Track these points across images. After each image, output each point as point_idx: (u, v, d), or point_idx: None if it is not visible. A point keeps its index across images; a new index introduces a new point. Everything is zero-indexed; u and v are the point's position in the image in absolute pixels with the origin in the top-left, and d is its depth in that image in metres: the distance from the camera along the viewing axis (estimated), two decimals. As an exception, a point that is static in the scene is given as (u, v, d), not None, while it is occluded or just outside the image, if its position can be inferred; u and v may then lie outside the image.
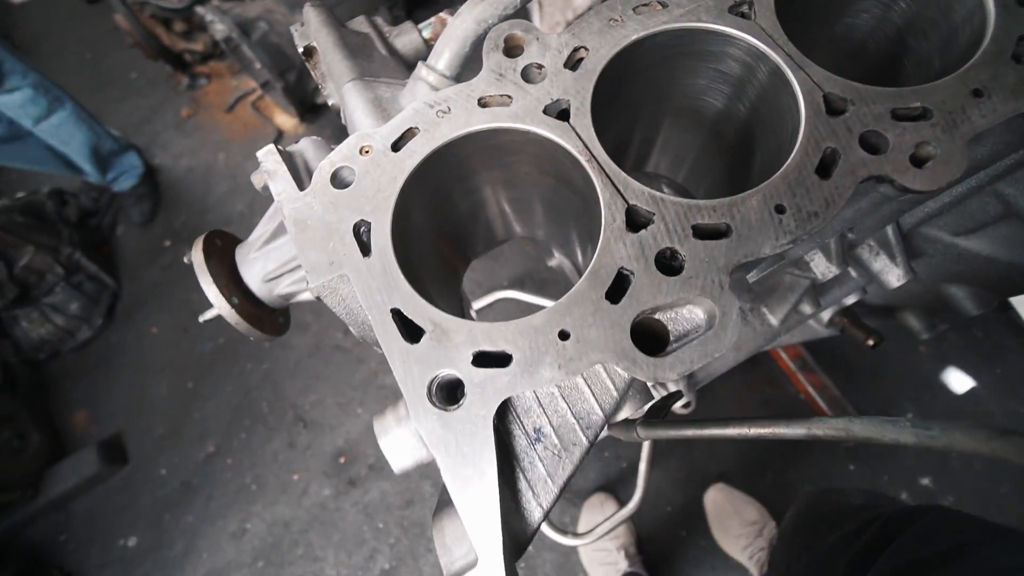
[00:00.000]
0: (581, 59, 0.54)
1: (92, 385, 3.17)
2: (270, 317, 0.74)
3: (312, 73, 0.66)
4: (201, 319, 0.71)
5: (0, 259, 2.81)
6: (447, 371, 0.46)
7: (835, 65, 0.63)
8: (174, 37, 3.85)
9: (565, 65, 0.53)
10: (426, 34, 0.72)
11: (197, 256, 0.66)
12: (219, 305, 0.66)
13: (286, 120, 3.76)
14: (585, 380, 0.50)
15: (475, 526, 0.42)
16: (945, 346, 2.85)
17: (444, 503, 0.48)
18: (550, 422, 0.49)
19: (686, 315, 0.46)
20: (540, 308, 0.47)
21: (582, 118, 0.51)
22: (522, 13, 0.57)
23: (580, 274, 0.47)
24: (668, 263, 0.46)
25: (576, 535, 2.04)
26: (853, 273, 0.93)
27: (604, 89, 0.54)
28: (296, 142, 0.62)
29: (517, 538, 0.46)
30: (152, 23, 3.75)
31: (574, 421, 0.49)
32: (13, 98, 2.71)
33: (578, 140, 0.50)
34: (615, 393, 0.49)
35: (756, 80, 0.56)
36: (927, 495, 2.50)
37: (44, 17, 4.89)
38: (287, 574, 2.62)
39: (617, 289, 0.45)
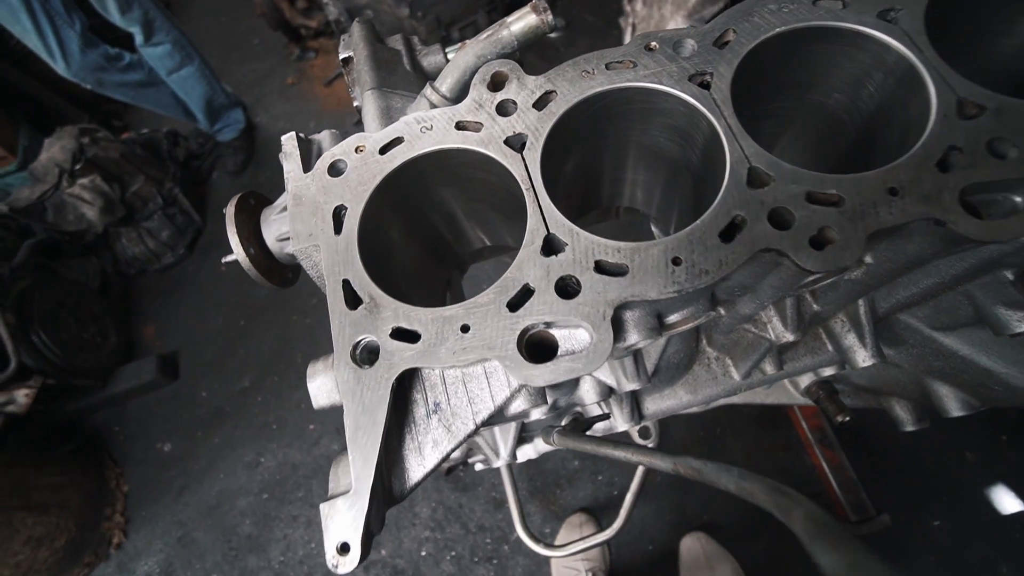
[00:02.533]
0: (549, 100, 0.62)
1: (165, 304, 3.61)
2: (280, 270, 0.88)
3: (346, 79, 0.79)
4: (223, 261, 0.86)
5: (117, 182, 3.27)
6: (370, 337, 0.56)
7: (813, 138, 0.67)
8: (295, 12, 4.27)
9: (534, 104, 0.62)
10: (450, 56, 0.83)
11: (230, 209, 0.81)
12: (237, 252, 0.80)
13: (375, 102, 4.05)
14: (486, 373, 0.58)
15: (358, 462, 0.52)
16: (1000, 460, 2.59)
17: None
18: (448, 400, 0.58)
19: (579, 337, 0.54)
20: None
21: (533, 152, 0.59)
22: (515, 56, 0.67)
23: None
24: (566, 288, 0.53)
25: (550, 546, 2.09)
26: (828, 345, 0.94)
27: (563, 130, 0.62)
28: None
29: (395, 487, 0.55)
30: (280, -2, 4.18)
31: (468, 404, 0.57)
32: (156, 51, 3.17)
33: (524, 170, 0.59)
34: (507, 390, 0.57)
35: (702, 138, 0.62)
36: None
37: (198, -20, 5.57)
38: (285, 511, 2.86)
39: (519, 300, 0.54)
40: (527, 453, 1.06)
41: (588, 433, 0.76)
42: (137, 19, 2.91)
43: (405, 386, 0.59)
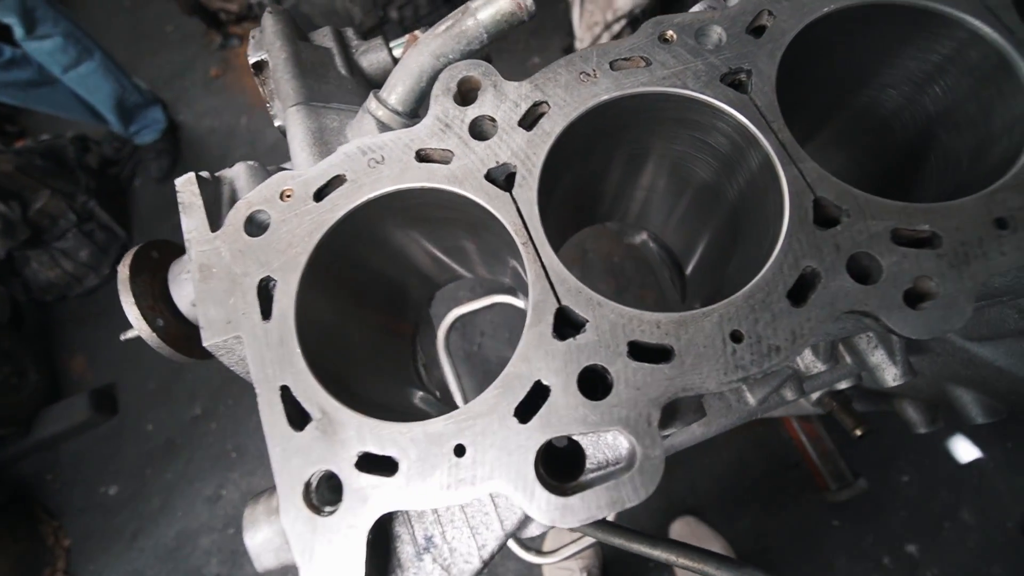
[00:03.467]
0: (541, 115, 0.47)
1: (93, 332, 3.23)
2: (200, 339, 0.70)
3: (260, 90, 0.61)
4: (122, 338, 0.66)
5: (15, 199, 2.84)
6: (327, 467, 0.40)
7: (849, 138, 0.55)
8: (211, -6, 3.82)
9: (520, 122, 0.46)
10: (397, 52, 0.65)
11: (123, 270, 0.62)
12: (139, 326, 0.62)
13: (311, 91, 3.72)
14: (491, 495, 0.44)
15: (325, 659, 0.37)
16: (954, 411, 2.71)
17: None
18: (443, 533, 0.43)
19: (610, 441, 0.40)
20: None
21: (527, 190, 0.44)
22: (480, 54, 0.50)
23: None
24: (594, 383, 0.39)
25: (541, 553, 2.01)
26: (849, 360, 0.85)
27: (562, 153, 0.47)
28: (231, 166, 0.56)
29: (382, 667, 0.41)
30: (191, -23, 3.72)
31: (470, 536, 0.43)
32: (43, 45, 2.72)
33: (517, 216, 0.43)
34: (519, 513, 0.43)
35: (746, 164, 0.48)
36: (910, 564, 2.40)
37: (90, -40, 4.91)
38: (255, 545, 2.66)
39: (530, 405, 0.39)
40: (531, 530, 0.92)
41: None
42: (11, 7, 2.46)
43: (382, 519, 0.44)
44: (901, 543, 2.43)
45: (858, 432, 0.91)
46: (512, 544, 1.99)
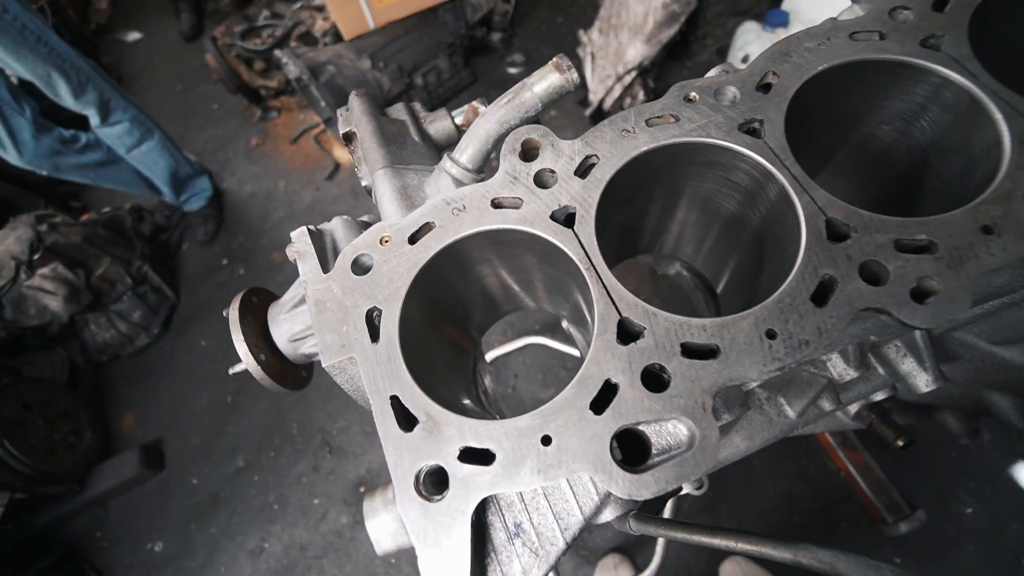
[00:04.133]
0: (592, 165, 0.57)
1: (143, 389, 3.39)
2: (294, 372, 0.80)
3: (351, 156, 0.73)
4: (231, 371, 0.77)
5: (81, 267, 3.10)
6: (435, 462, 0.48)
7: (854, 168, 0.64)
8: (253, 75, 4.24)
9: (576, 172, 0.57)
10: (458, 120, 0.78)
11: (233, 314, 0.73)
12: (247, 362, 0.72)
13: (343, 154, 4.01)
14: (568, 482, 0.51)
15: (444, 622, 0.44)
16: (1015, 437, 2.60)
17: (422, 590, 0.49)
18: (530, 519, 0.50)
19: (670, 429, 0.47)
20: (567, 356, 0.48)
21: (586, 226, 0.54)
22: (536, 120, 0.62)
23: (588, 346, 0.49)
24: (654, 378, 0.47)
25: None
26: (881, 371, 0.89)
27: (612, 195, 0.57)
28: (329, 220, 0.68)
29: (487, 637, 0.47)
30: (236, 62, 4.15)
31: (554, 521, 0.50)
32: (114, 130, 3.06)
33: (579, 247, 0.53)
34: (596, 498, 0.49)
35: (765, 195, 0.57)
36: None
37: (149, 53, 5.51)
38: (297, 599, 2.64)
39: (602, 400, 0.47)
40: (605, 515, 0.96)
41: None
42: (92, 101, 2.80)
43: (478, 508, 0.51)
44: (970, 585, 2.30)
45: (900, 443, 0.94)
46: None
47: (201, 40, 4.83)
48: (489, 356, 2.32)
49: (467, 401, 0.75)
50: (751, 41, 2.98)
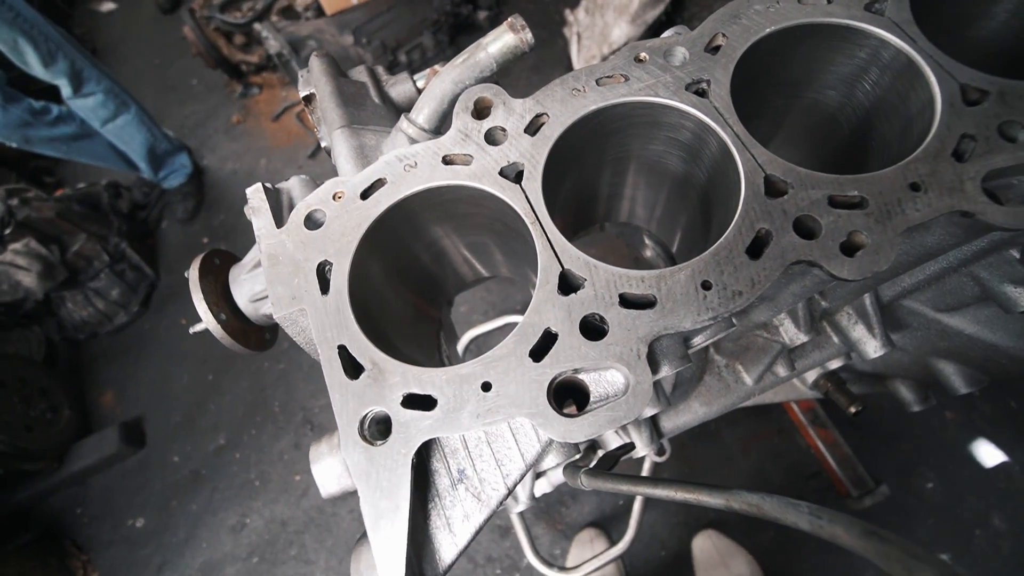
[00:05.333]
0: (542, 124, 0.58)
1: (122, 368, 3.36)
2: (256, 333, 0.80)
3: (310, 117, 0.73)
4: (191, 331, 0.77)
5: (55, 243, 3.04)
6: (379, 408, 0.49)
7: (807, 134, 0.65)
8: (233, 49, 4.13)
9: (526, 130, 0.57)
10: (420, 84, 0.77)
11: (193, 273, 0.73)
12: (207, 320, 0.72)
13: (327, 133, 3.95)
14: (511, 429, 0.52)
15: (383, 557, 0.45)
16: (975, 415, 2.70)
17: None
18: (474, 466, 0.52)
19: (609, 379, 0.49)
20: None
21: (533, 182, 0.55)
22: (490, 80, 0.62)
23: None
24: (593, 328, 0.49)
25: (563, 569, 2.03)
26: (835, 339, 0.92)
27: (561, 153, 0.57)
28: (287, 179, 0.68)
29: (428, 574, 0.49)
30: (215, 35, 4.04)
31: (496, 467, 0.51)
32: (87, 102, 2.97)
33: (526, 202, 0.54)
34: (538, 445, 0.51)
35: (709, 153, 0.59)
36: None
37: (124, 24, 5.34)
38: (279, 574, 2.68)
39: (542, 348, 0.48)
40: (542, 488, 1.00)
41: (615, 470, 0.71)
42: (63, 71, 2.71)
43: (423, 457, 0.53)
44: (933, 552, 2.40)
45: (852, 409, 0.98)
46: (535, 561, 2.02)
47: (179, 12, 4.67)
48: (470, 334, 2.33)
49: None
50: (736, 23, 2.97)
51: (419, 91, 0.77)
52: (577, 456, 0.87)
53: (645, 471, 1.98)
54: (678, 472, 2.69)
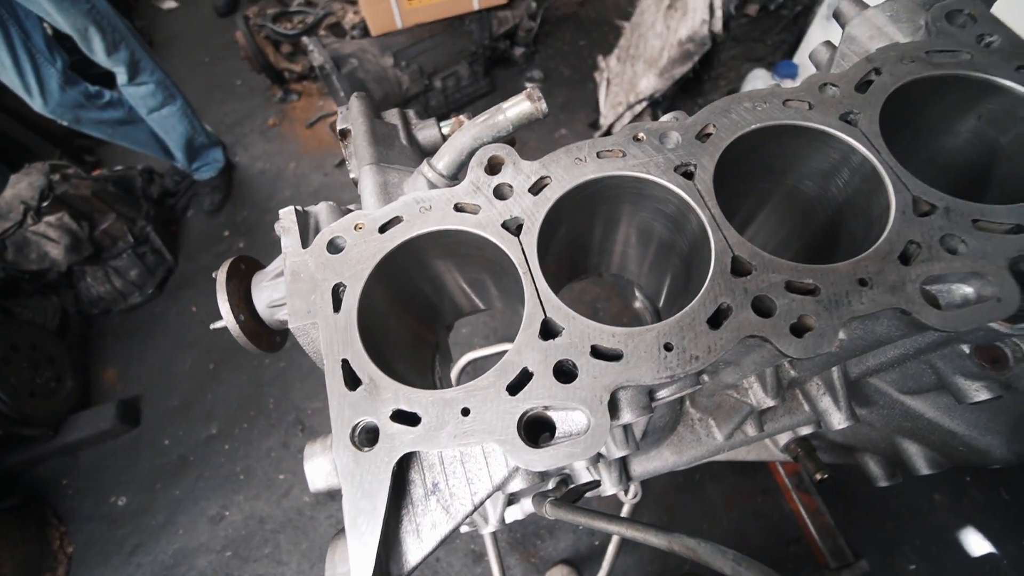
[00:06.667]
0: (545, 186, 0.66)
1: (128, 347, 3.45)
2: (269, 336, 0.87)
3: (343, 151, 0.82)
4: (212, 327, 0.84)
5: (86, 220, 3.18)
6: (370, 419, 0.56)
7: (787, 216, 0.72)
8: (279, 57, 4.36)
9: (530, 189, 0.65)
10: (445, 131, 0.87)
11: (221, 275, 0.81)
12: (227, 319, 0.80)
13: (357, 145, 4.12)
14: (484, 452, 0.59)
15: (357, 550, 0.51)
16: (965, 501, 2.68)
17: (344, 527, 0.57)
18: (447, 480, 0.58)
19: (574, 418, 0.55)
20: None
21: (530, 236, 0.62)
22: (507, 139, 0.70)
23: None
24: (565, 372, 0.55)
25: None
26: (805, 406, 0.98)
27: (558, 213, 0.65)
28: (315, 204, 0.76)
29: (393, 572, 0.54)
30: (264, 43, 4.27)
31: (467, 484, 0.58)
32: (139, 90, 3.17)
33: (521, 254, 0.61)
34: (506, 470, 0.57)
35: (690, 227, 0.66)
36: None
37: (182, 23, 5.65)
38: (249, 571, 2.69)
39: (518, 384, 0.55)
40: (514, 514, 1.04)
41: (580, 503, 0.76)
42: (123, 60, 2.91)
43: (403, 467, 0.59)
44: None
45: (818, 476, 1.02)
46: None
47: (234, 17, 4.95)
48: (468, 356, 2.39)
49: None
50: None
51: (444, 137, 0.86)
52: (549, 487, 0.92)
53: (624, 511, 1.99)
54: (656, 521, 2.68)
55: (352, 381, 0.58)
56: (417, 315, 0.78)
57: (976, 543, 2.58)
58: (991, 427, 0.85)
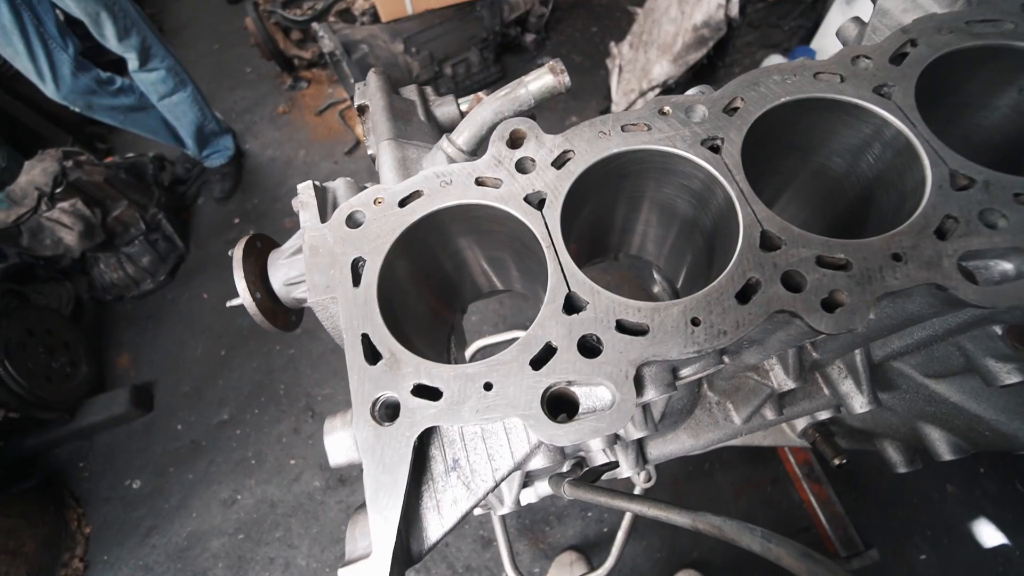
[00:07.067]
0: (568, 160, 0.64)
1: (141, 333, 3.49)
2: (284, 314, 0.87)
3: (362, 127, 0.81)
4: (228, 304, 0.84)
5: (99, 206, 3.20)
6: (391, 394, 0.55)
7: (813, 195, 0.71)
8: (289, 43, 4.34)
9: (553, 163, 0.64)
10: (464, 107, 0.85)
11: (238, 252, 0.80)
12: (244, 296, 0.79)
13: (366, 132, 4.10)
14: (505, 428, 0.58)
15: (378, 525, 0.51)
16: (979, 492, 2.65)
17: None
18: (468, 457, 0.57)
19: (598, 394, 0.54)
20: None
21: (553, 210, 0.61)
22: (528, 114, 0.69)
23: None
24: (589, 347, 0.54)
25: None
26: (825, 390, 0.96)
27: (581, 188, 0.64)
28: (333, 178, 0.75)
29: (414, 548, 0.54)
30: (274, 29, 4.25)
31: (488, 460, 0.57)
32: (150, 76, 3.17)
33: (544, 228, 0.60)
34: (527, 445, 0.56)
35: (716, 203, 0.64)
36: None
37: (192, 9, 5.64)
38: (261, 553, 2.73)
39: (542, 359, 0.54)
40: (528, 497, 1.04)
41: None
42: (134, 45, 2.91)
43: (423, 442, 0.59)
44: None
45: (837, 461, 1.01)
46: (513, 574, 2.04)
47: (244, 3, 4.93)
48: (478, 343, 2.39)
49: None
50: (775, 74, 3.04)
51: (462, 114, 0.84)
52: (565, 470, 0.92)
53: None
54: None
55: (372, 355, 0.58)
56: (436, 292, 0.78)
57: (989, 534, 2.56)
58: (1019, 411, 0.83)
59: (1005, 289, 0.51)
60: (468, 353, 2.17)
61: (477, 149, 0.74)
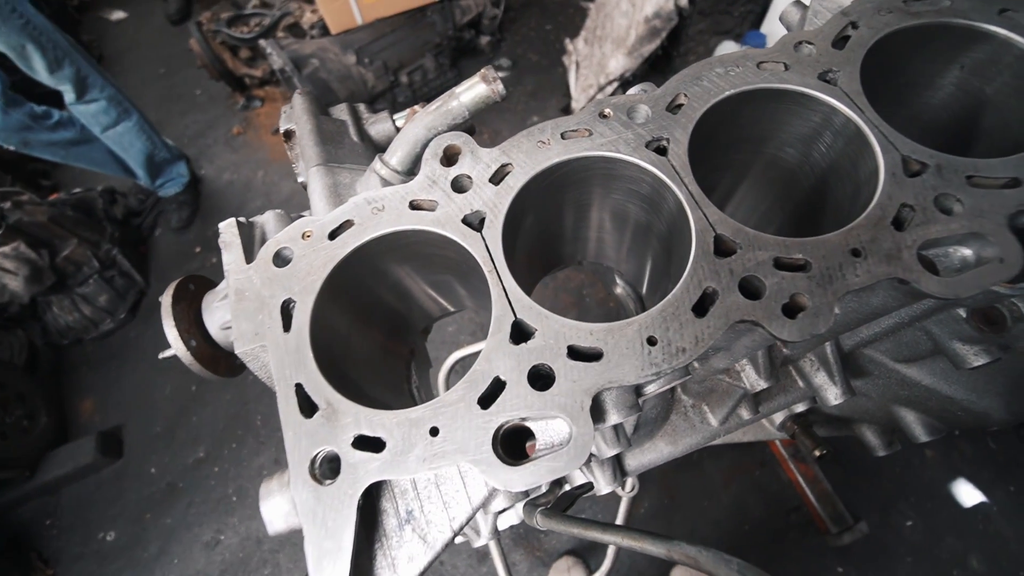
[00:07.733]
0: (507, 174, 0.60)
1: (104, 375, 3.33)
2: (227, 360, 0.81)
3: (288, 154, 0.75)
4: (160, 356, 0.78)
5: (45, 248, 3.03)
6: (330, 448, 0.50)
7: (771, 185, 0.68)
8: (238, 62, 4.20)
9: (491, 179, 0.60)
10: (399, 123, 0.80)
11: (166, 299, 0.74)
12: (176, 346, 0.73)
13: (325, 148, 4.00)
14: (460, 472, 0.53)
15: (322, 602, 0.46)
16: (955, 455, 2.72)
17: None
18: (422, 507, 0.53)
19: (556, 427, 0.50)
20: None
21: (493, 231, 0.57)
22: (464, 127, 0.64)
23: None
24: (541, 377, 0.50)
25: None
26: (799, 383, 0.94)
27: (523, 203, 0.60)
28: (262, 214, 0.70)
29: (369, 617, 0.49)
30: (221, 48, 4.11)
31: (444, 509, 0.52)
32: (89, 108, 3.01)
33: (485, 251, 0.56)
34: (485, 489, 0.52)
35: (667, 206, 0.61)
36: (916, 615, 2.33)
37: (133, 33, 5.43)
38: (250, 593, 2.62)
39: (491, 395, 0.50)
40: (509, 519, 1.00)
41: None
42: (68, 77, 2.75)
43: (372, 495, 0.53)
44: (911, 594, 2.39)
45: (817, 453, 0.99)
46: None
47: (187, 24, 4.76)
48: (456, 355, 2.33)
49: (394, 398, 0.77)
50: (728, 60, 3.06)
51: (398, 130, 0.79)
52: (541, 491, 0.88)
53: (623, 504, 1.97)
54: (657, 503, 2.67)
55: (308, 407, 0.52)
56: (382, 327, 0.73)
57: (968, 494, 2.63)
58: (989, 389, 0.82)
59: (966, 278, 0.49)
60: (444, 368, 2.11)
61: (413, 168, 0.69)
